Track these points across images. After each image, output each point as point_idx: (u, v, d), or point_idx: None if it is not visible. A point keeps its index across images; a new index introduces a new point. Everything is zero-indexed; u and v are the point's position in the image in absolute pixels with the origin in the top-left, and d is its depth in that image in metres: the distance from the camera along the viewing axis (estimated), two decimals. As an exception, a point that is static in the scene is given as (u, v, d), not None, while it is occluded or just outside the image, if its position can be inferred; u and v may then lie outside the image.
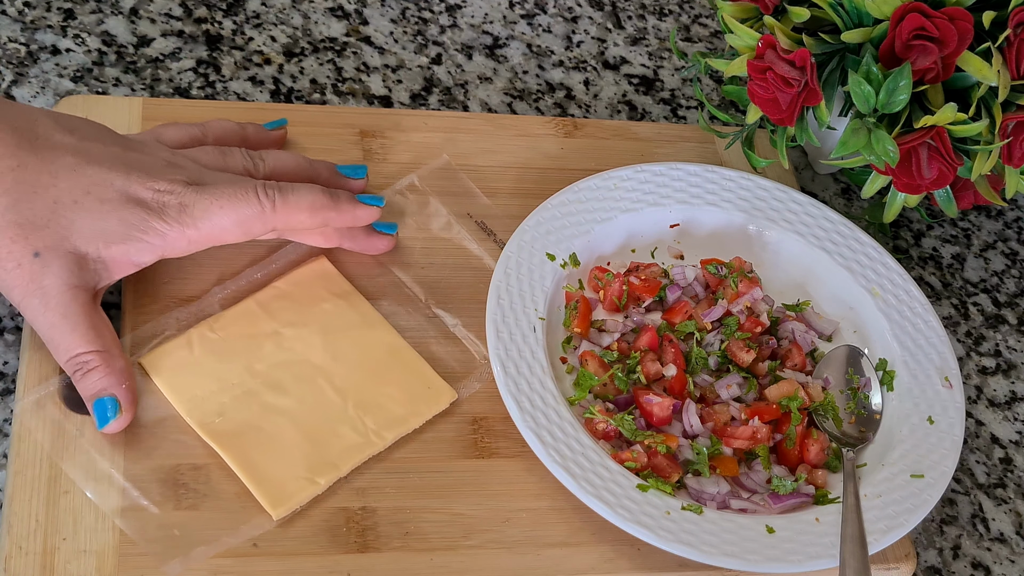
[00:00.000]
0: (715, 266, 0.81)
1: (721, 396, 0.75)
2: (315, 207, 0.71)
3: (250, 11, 0.94)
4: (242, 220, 0.69)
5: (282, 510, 0.66)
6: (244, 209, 0.69)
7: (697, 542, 0.67)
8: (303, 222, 0.72)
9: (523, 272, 0.77)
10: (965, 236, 0.97)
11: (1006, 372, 0.89)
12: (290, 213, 0.71)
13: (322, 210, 0.72)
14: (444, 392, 0.73)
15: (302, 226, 0.72)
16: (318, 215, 0.72)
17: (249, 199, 0.69)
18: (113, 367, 0.66)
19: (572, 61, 0.99)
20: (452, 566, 0.67)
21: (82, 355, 0.66)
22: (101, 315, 0.67)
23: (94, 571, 0.62)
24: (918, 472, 0.73)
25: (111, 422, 0.66)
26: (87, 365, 0.66)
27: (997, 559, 0.79)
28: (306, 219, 0.72)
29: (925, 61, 0.75)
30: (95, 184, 0.67)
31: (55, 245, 0.66)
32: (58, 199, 0.66)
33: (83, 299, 0.66)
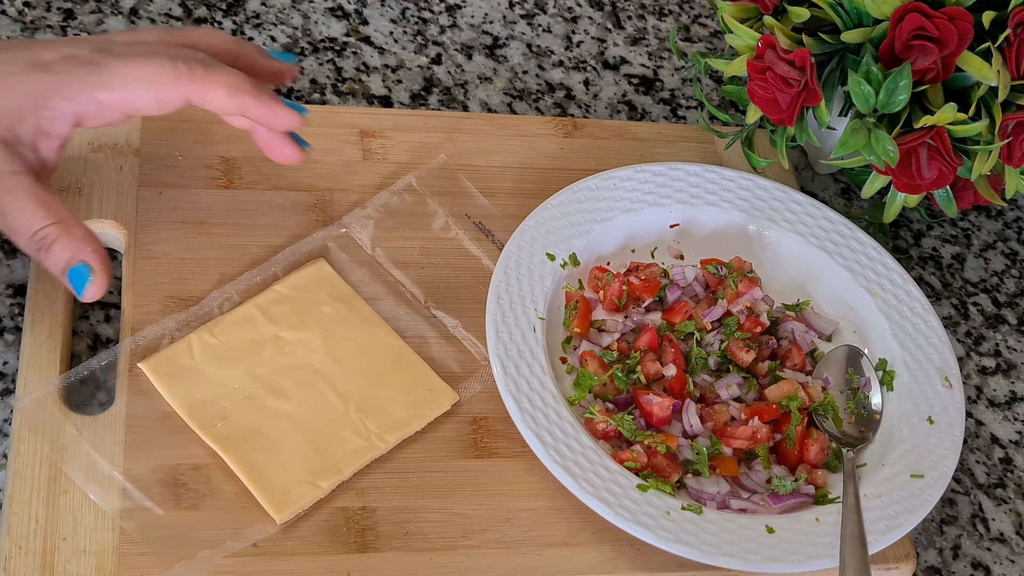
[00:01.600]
0: (715, 266, 0.81)
1: (721, 396, 0.75)
2: (235, 88, 0.67)
3: (250, 11, 0.95)
4: (154, 81, 0.66)
5: (286, 514, 0.66)
6: (156, 70, 0.66)
7: (697, 542, 0.67)
8: (219, 99, 0.67)
9: (523, 272, 0.77)
10: (965, 236, 0.97)
11: (1006, 372, 0.89)
12: (207, 84, 0.66)
13: (242, 93, 0.67)
14: (445, 394, 0.73)
15: (217, 104, 0.68)
16: (236, 98, 0.67)
17: (163, 62, 0.66)
18: (74, 234, 0.64)
19: (572, 61, 0.99)
20: (452, 566, 0.67)
21: (39, 231, 0.64)
22: (47, 193, 0.65)
23: (94, 571, 0.62)
24: (918, 472, 0.73)
25: (87, 286, 0.64)
26: (47, 239, 0.64)
27: (997, 559, 0.79)
28: (223, 97, 0.67)
29: (925, 61, 0.75)
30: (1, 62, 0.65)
31: None
32: None
33: (23, 181, 0.64)
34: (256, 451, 0.68)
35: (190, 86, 0.66)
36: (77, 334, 0.73)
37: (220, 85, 0.67)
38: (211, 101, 0.67)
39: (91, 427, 0.67)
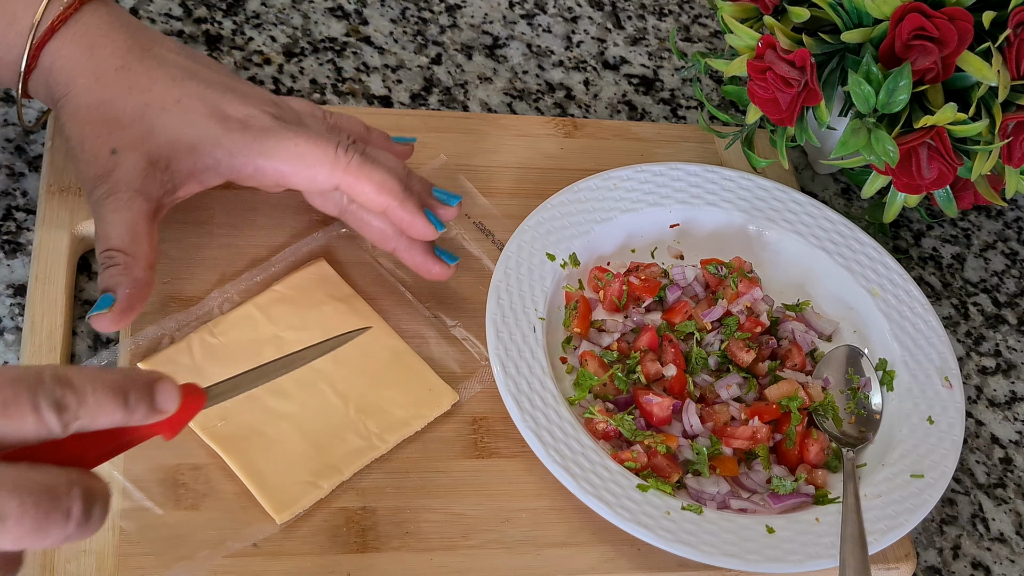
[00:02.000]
0: (715, 266, 0.81)
1: (721, 396, 0.75)
2: (384, 187, 0.70)
3: (250, 11, 0.95)
4: (315, 164, 0.69)
5: (286, 514, 0.66)
6: (318, 153, 0.69)
7: (697, 542, 0.67)
8: (366, 195, 0.71)
9: (523, 272, 0.77)
10: (965, 236, 0.97)
11: (1006, 372, 0.89)
12: (359, 178, 0.70)
13: (388, 194, 0.70)
14: (445, 394, 0.73)
15: (363, 199, 0.71)
16: (382, 196, 0.70)
17: (327, 146, 0.69)
18: (130, 272, 0.67)
19: (572, 61, 0.99)
20: (452, 566, 0.67)
21: (111, 251, 0.67)
22: (149, 227, 0.68)
23: (94, 571, 0.62)
24: (918, 472, 0.73)
25: (99, 313, 0.65)
26: (110, 260, 0.67)
27: (997, 559, 0.79)
28: (370, 194, 0.70)
29: (925, 61, 0.75)
30: (187, 96, 0.69)
31: (132, 146, 0.68)
32: (148, 103, 0.69)
33: (139, 205, 0.67)
34: (256, 451, 0.68)
35: (344, 176, 0.70)
36: (77, 334, 0.73)
37: (370, 183, 0.70)
38: (358, 195, 0.71)
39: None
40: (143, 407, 0.50)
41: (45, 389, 0.47)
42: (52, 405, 0.47)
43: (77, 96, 0.69)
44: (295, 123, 0.71)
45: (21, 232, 0.77)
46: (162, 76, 0.70)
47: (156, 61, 0.70)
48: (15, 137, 0.81)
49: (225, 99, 0.70)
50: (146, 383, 0.50)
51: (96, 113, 0.68)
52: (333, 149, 0.70)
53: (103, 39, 0.70)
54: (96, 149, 0.68)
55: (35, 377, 0.47)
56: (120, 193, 0.67)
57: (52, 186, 0.76)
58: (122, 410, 0.49)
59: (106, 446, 0.51)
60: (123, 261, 0.67)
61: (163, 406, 0.51)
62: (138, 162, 0.68)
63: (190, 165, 0.69)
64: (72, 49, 0.69)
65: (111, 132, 0.68)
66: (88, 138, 0.68)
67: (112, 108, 0.69)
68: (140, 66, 0.70)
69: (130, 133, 0.68)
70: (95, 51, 0.69)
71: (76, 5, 0.69)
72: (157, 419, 0.51)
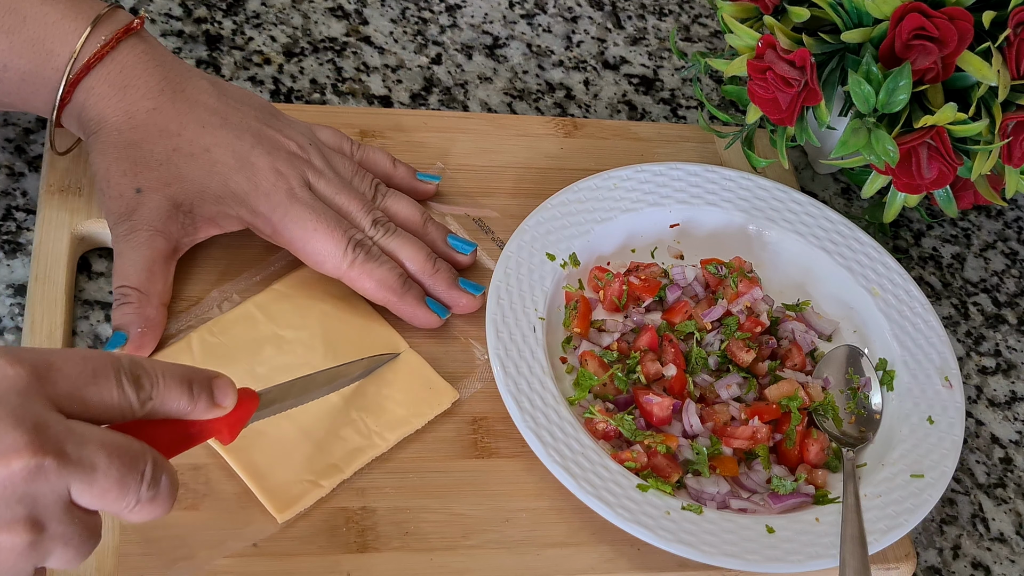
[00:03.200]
0: (715, 266, 0.81)
1: (721, 396, 0.75)
2: (383, 284, 0.73)
3: (250, 11, 0.95)
4: (318, 252, 0.72)
5: (287, 513, 0.66)
6: (330, 246, 0.72)
7: (697, 542, 0.67)
8: (366, 291, 0.74)
9: (523, 272, 0.77)
10: (965, 236, 0.97)
11: (1006, 372, 0.89)
12: (361, 276, 0.73)
13: (388, 291, 0.73)
14: (446, 392, 0.73)
15: (364, 294, 0.74)
16: (381, 292, 0.73)
17: (337, 243, 0.72)
18: (143, 311, 0.69)
19: (572, 61, 0.99)
20: (452, 566, 0.67)
21: (126, 287, 0.69)
22: (166, 266, 0.70)
23: (94, 571, 0.62)
24: (918, 472, 0.73)
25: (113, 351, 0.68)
26: (125, 298, 0.69)
27: (997, 559, 0.79)
28: (370, 290, 0.73)
29: (925, 61, 0.75)
30: (217, 145, 0.71)
31: (157, 187, 0.70)
32: (177, 148, 0.71)
33: (159, 244, 0.70)
34: (256, 450, 0.68)
35: (347, 272, 0.73)
36: (77, 334, 0.73)
37: (371, 280, 0.73)
38: (359, 290, 0.74)
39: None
40: (205, 398, 0.55)
41: (124, 368, 0.53)
42: (131, 382, 0.53)
43: (107, 134, 0.70)
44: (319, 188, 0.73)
45: (21, 232, 0.77)
46: (192, 122, 0.71)
47: (187, 105, 0.72)
48: (15, 137, 0.81)
49: (255, 153, 0.72)
50: (207, 377, 0.56)
51: (124, 153, 0.70)
52: (343, 246, 0.72)
53: (137, 79, 0.71)
54: (121, 187, 0.70)
55: (115, 357, 0.53)
56: (141, 232, 0.69)
57: (52, 186, 0.76)
58: (188, 397, 0.55)
59: (170, 437, 0.56)
60: (137, 299, 0.69)
61: (222, 400, 0.56)
62: (161, 203, 0.70)
63: (212, 212, 0.71)
64: (106, 88, 0.70)
65: (137, 173, 0.70)
66: (114, 176, 0.70)
67: (140, 150, 0.70)
68: (171, 109, 0.71)
69: (156, 175, 0.70)
70: (128, 91, 0.70)
71: (113, 44, 0.70)
72: (216, 413, 0.56)
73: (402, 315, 0.75)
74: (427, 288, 0.75)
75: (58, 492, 0.49)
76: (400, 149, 0.84)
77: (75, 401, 0.51)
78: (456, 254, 0.78)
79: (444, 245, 0.78)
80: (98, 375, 0.52)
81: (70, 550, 0.51)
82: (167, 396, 0.54)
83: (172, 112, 0.71)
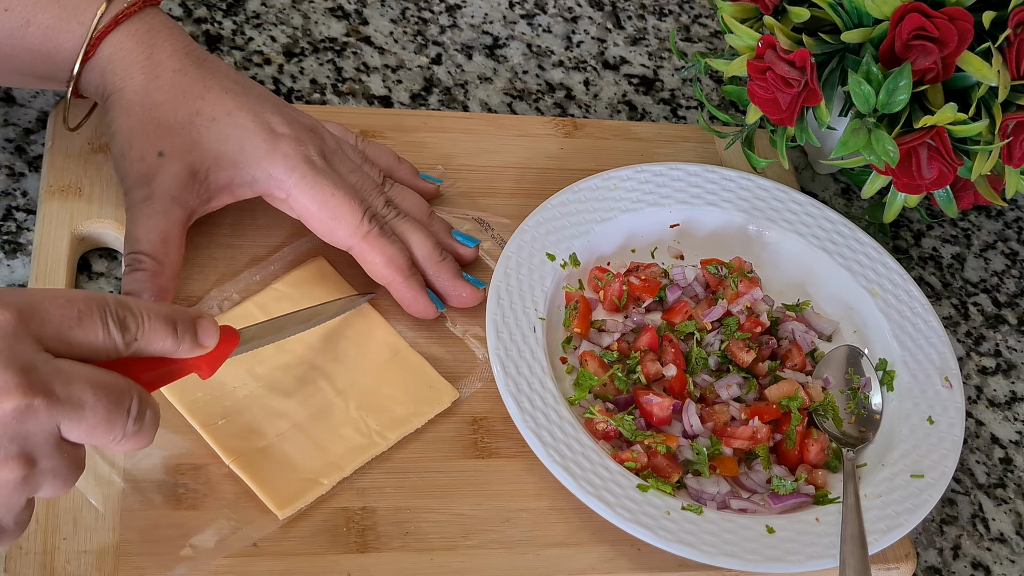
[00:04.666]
0: (715, 266, 0.81)
1: (721, 396, 0.75)
2: (392, 262, 0.73)
3: (250, 11, 0.95)
4: (334, 219, 0.72)
5: (288, 510, 0.66)
6: (346, 213, 0.71)
7: (697, 542, 0.67)
8: (375, 265, 0.73)
9: (523, 272, 0.77)
10: (965, 236, 0.97)
11: (1006, 372, 0.89)
12: (372, 249, 0.73)
13: (395, 270, 0.73)
14: (446, 391, 0.73)
15: (371, 268, 0.74)
16: (388, 270, 0.73)
17: (354, 211, 0.72)
18: (157, 280, 0.69)
19: (572, 61, 0.99)
20: (452, 566, 0.67)
21: (138, 254, 0.69)
22: (180, 238, 0.70)
23: (94, 571, 0.62)
24: (918, 472, 0.73)
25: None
26: (137, 264, 0.69)
27: (997, 559, 0.79)
28: (379, 265, 0.73)
29: (925, 61, 0.75)
30: (238, 109, 0.71)
31: (179, 153, 0.69)
32: (200, 111, 0.70)
33: (176, 214, 0.69)
34: (257, 449, 0.68)
35: (360, 244, 0.72)
36: (77, 334, 0.73)
37: (382, 255, 0.73)
38: (367, 263, 0.73)
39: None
40: (188, 338, 0.57)
41: (111, 309, 0.54)
42: (117, 323, 0.54)
43: (133, 92, 0.70)
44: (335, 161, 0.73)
45: (21, 232, 0.77)
46: (215, 86, 0.71)
47: (210, 71, 0.72)
48: (15, 137, 0.81)
49: (275, 119, 0.72)
50: (191, 317, 0.58)
51: (149, 114, 0.70)
52: (360, 215, 0.72)
53: (163, 40, 0.71)
54: (144, 149, 0.69)
55: (102, 298, 0.54)
56: (159, 200, 0.69)
57: (52, 186, 0.76)
58: (172, 338, 0.57)
59: (152, 373, 0.57)
60: (151, 267, 0.69)
61: (204, 340, 0.58)
62: (180, 171, 0.69)
63: (228, 178, 0.71)
64: (133, 44, 0.70)
65: (161, 136, 0.69)
66: (137, 137, 0.69)
67: (164, 111, 0.70)
68: (196, 72, 0.71)
69: (179, 139, 0.69)
70: (155, 49, 0.70)
71: (140, 4, 0.70)
72: (199, 352, 0.58)
73: (402, 298, 0.74)
74: (430, 277, 0.75)
75: (48, 430, 0.52)
76: (400, 149, 0.84)
77: (61, 341, 0.53)
78: (460, 247, 0.78)
79: (448, 238, 0.78)
80: (83, 317, 0.53)
81: (58, 481, 0.53)
82: (152, 336, 0.56)
83: (196, 75, 0.71)
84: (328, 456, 0.68)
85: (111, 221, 0.75)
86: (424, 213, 0.78)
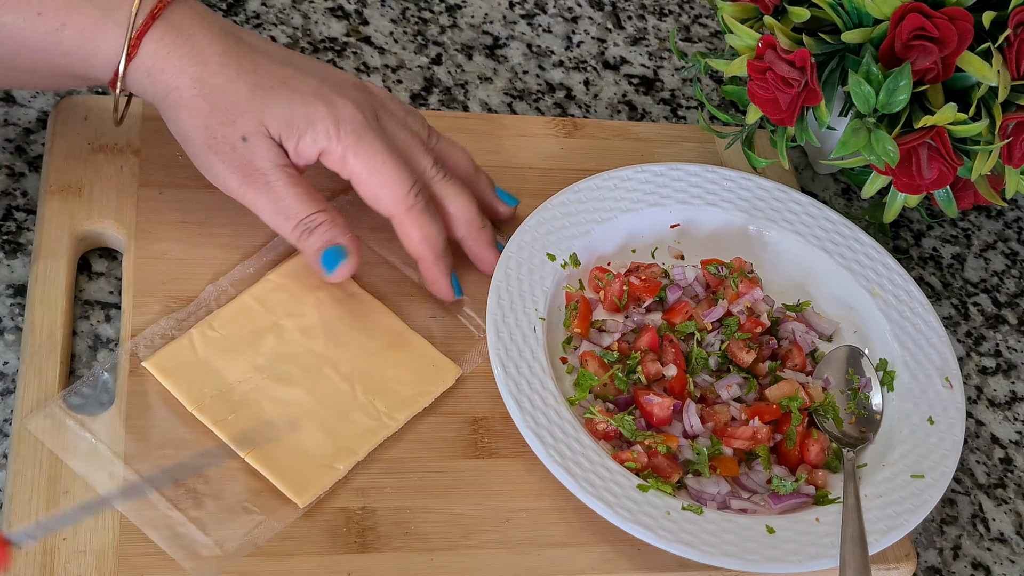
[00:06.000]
0: (715, 266, 0.81)
1: (721, 396, 0.75)
2: (427, 240, 0.74)
3: (250, 11, 0.94)
4: (382, 186, 0.72)
5: (307, 497, 0.66)
6: (393, 183, 0.72)
7: (697, 542, 0.67)
8: (410, 239, 0.74)
9: (523, 272, 0.77)
10: (965, 236, 0.97)
11: (1006, 372, 0.89)
12: (412, 223, 0.73)
13: (428, 248, 0.74)
14: (449, 369, 0.73)
15: (405, 241, 0.74)
16: (422, 247, 0.74)
17: (403, 182, 0.72)
18: (337, 221, 0.72)
19: (572, 61, 0.99)
20: (452, 566, 0.67)
21: (307, 217, 0.71)
22: (313, 189, 0.72)
23: (94, 571, 0.62)
24: (918, 472, 0.73)
25: (341, 265, 0.72)
26: (313, 223, 0.71)
27: (997, 559, 0.79)
28: (416, 241, 0.74)
29: (925, 61, 0.75)
30: (292, 77, 0.71)
31: (256, 129, 0.70)
32: (258, 83, 0.70)
33: (294, 174, 0.71)
34: (269, 441, 0.68)
35: (402, 215, 0.73)
36: (77, 334, 0.73)
37: (420, 231, 0.73)
38: (403, 236, 0.74)
39: (91, 427, 0.67)
40: None
41: None
42: None
43: (191, 87, 0.70)
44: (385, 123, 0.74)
45: (21, 232, 0.77)
46: (262, 58, 0.72)
47: (251, 47, 0.72)
48: (15, 137, 0.81)
49: (325, 86, 0.72)
50: None
51: (215, 102, 0.70)
52: (408, 187, 0.72)
53: (198, 27, 0.71)
54: (229, 139, 0.70)
55: None
56: (274, 176, 0.70)
57: (52, 186, 0.76)
58: None
59: None
60: (326, 216, 0.71)
61: None
62: (269, 145, 0.70)
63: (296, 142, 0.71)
64: (175, 37, 0.70)
65: (234, 120, 0.70)
66: (217, 128, 0.70)
67: (226, 95, 0.70)
68: (239, 49, 0.71)
69: (250, 117, 0.70)
70: (195, 39, 0.70)
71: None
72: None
73: (428, 276, 0.75)
74: (469, 243, 0.77)
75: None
76: (400, 149, 0.84)
77: None
78: (501, 205, 0.81)
79: (492, 195, 0.80)
80: None
81: None
82: None
83: (241, 53, 0.71)
84: (341, 441, 0.69)
85: (111, 221, 0.75)
86: (469, 168, 0.79)
